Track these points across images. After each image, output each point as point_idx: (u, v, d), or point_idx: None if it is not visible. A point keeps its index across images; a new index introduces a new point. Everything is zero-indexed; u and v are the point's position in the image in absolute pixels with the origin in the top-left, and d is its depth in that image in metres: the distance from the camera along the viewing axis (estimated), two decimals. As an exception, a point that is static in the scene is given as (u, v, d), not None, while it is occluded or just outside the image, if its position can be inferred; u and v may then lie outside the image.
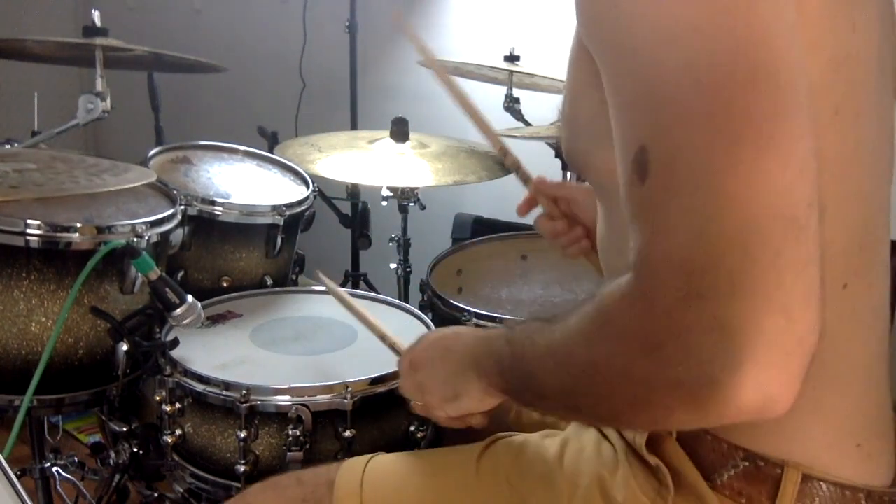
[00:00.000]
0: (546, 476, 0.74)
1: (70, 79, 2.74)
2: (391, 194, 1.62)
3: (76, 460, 1.40)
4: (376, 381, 1.03)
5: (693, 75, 0.46)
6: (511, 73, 1.73)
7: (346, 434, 1.00)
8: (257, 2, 2.84)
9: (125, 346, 1.10)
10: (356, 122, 2.30)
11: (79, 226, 1.07)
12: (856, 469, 0.63)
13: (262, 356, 1.14)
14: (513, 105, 1.77)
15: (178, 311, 1.03)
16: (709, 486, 0.64)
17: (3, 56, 1.65)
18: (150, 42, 1.47)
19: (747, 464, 0.62)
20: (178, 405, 1.06)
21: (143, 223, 1.13)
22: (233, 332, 1.21)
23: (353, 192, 1.95)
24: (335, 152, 1.46)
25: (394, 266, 1.74)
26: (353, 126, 2.28)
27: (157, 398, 1.07)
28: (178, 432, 1.07)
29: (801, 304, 0.46)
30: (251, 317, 1.26)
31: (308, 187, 1.53)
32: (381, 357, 1.02)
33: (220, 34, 2.86)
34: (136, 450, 1.19)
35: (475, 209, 2.19)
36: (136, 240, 1.09)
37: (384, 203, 1.64)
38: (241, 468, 1.00)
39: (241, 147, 1.62)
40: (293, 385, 1.01)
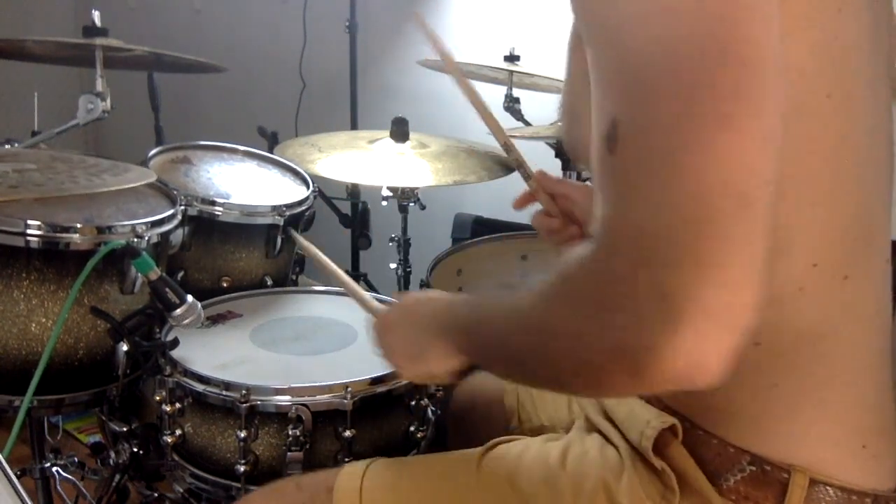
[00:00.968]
0: (549, 479, 0.74)
1: (70, 79, 2.74)
2: (391, 194, 1.62)
3: (76, 460, 1.39)
4: (376, 381, 1.03)
5: (663, 53, 0.47)
6: (511, 73, 1.73)
7: (346, 434, 1.00)
8: (257, 2, 2.84)
9: (125, 346, 1.10)
10: (356, 122, 2.30)
11: (79, 226, 1.07)
12: (862, 471, 0.63)
13: (262, 356, 1.14)
14: (513, 105, 1.77)
15: (178, 311, 1.04)
16: (715, 490, 0.64)
17: (3, 56, 1.65)
18: (150, 42, 1.47)
19: (754, 468, 0.62)
20: (178, 405, 1.06)
21: (143, 223, 1.13)
22: (233, 332, 1.21)
23: (353, 192, 1.95)
24: (335, 152, 1.46)
25: (394, 266, 1.74)
26: (353, 126, 2.28)
27: (157, 398, 1.07)
28: (178, 432, 1.07)
29: (742, 281, 0.47)
30: (251, 317, 1.26)
31: (308, 187, 1.53)
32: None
33: (220, 34, 2.86)
34: (136, 450, 1.19)
35: (475, 209, 2.19)
36: (136, 240, 1.09)
37: (384, 203, 1.64)
38: (241, 468, 1.00)
39: (241, 147, 1.62)
40: (293, 385, 1.01)
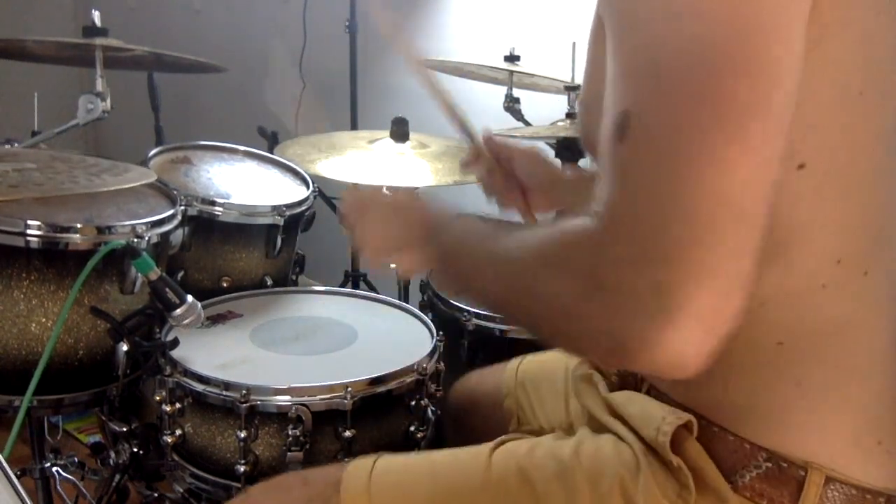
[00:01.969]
0: (562, 474, 0.73)
1: (70, 79, 2.74)
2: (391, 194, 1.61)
3: (76, 460, 1.39)
4: (376, 381, 1.03)
5: (688, 56, 0.48)
6: (511, 73, 1.72)
7: (346, 434, 1.00)
8: (257, 2, 2.84)
9: (125, 347, 1.10)
10: (356, 122, 2.30)
11: (79, 226, 1.07)
12: (877, 468, 0.63)
13: (262, 356, 1.14)
14: (513, 105, 1.77)
15: (178, 311, 1.04)
16: (730, 487, 0.64)
17: (3, 56, 1.65)
18: (150, 42, 1.47)
19: (770, 465, 0.62)
20: (178, 405, 1.07)
21: (143, 223, 1.13)
22: (233, 332, 1.21)
23: (354, 192, 1.95)
24: (335, 152, 1.46)
25: (394, 266, 1.74)
26: (353, 126, 2.28)
27: (157, 398, 1.07)
28: (178, 432, 1.07)
29: (730, 290, 0.49)
30: (251, 317, 1.26)
31: (308, 187, 1.53)
32: (381, 357, 1.02)
33: (220, 34, 2.86)
34: (136, 450, 1.19)
35: (475, 209, 2.19)
36: (136, 240, 1.09)
37: (384, 203, 1.64)
38: (241, 468, 1.00)
39: (241, 147, 1.62)
40: (293, 385, 1.01)
